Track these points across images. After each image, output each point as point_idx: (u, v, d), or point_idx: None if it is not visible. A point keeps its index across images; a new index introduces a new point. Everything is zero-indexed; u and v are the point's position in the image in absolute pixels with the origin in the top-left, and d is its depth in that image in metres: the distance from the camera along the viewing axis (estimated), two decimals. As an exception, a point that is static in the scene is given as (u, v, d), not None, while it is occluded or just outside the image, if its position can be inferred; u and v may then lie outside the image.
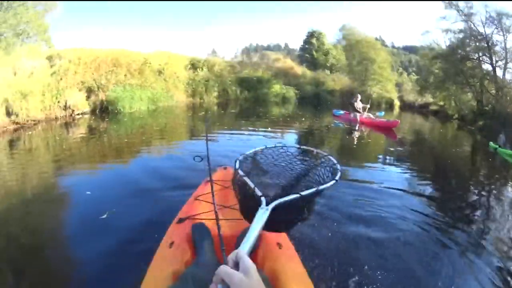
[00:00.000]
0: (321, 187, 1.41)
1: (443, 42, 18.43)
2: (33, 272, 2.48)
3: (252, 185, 1.44)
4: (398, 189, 4.42)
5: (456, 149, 8.76)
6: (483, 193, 4.75)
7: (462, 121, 14.93)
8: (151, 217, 3.20)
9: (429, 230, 3.17)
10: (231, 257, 0.76)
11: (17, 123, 9.79)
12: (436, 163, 6.95)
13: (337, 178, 1.51)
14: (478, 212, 3.90)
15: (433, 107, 19.44)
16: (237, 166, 1.68)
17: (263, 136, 8.65)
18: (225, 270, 0.68)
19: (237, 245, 1.54)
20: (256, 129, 9.91)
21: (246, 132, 9.17)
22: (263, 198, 1.29)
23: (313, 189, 1.39)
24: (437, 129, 13.23)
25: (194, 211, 2.24)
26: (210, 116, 10.84)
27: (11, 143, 7.75)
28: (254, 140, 8.05)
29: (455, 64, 16.58)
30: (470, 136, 11.72)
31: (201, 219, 2.10)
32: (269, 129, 9.86)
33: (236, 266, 0.72)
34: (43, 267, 2.60)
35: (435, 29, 18.58)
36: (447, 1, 16.68)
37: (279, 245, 1.88)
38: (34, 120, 10.40)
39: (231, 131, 9.38)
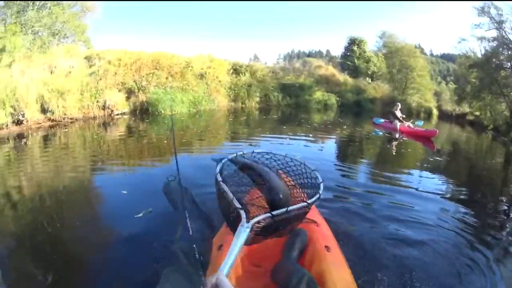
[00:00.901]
0: (290, 208, 1.38)
1: (478, 50, 18.12)
2: (59, 265, 2.55)
3: (230, 195, 1.40)
4: (433, 197, 4.58)
5: (490, 160, 8.75)
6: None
7: (496, 132, 14.67)
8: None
9: (462, 239, 3.24)
10: (210, 280, 0.79)
11: (52, 120, 9.95)
12: (470, 174, 7.03)
13: (313, 200, 1.50)
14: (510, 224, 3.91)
15: (470, 117, 19.04)
16: (217, 169, 1.65)
17: (304, 142, 8.78)
18: None
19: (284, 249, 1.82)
20: (298, 135, 10.05)
21: (287, 138, 9.32)
22: (242, 212, 1.26)
23: (284, 209, 1.36)
24: (473, 139, 13.04)
25: None
26: (175, 118, 10.07)
27: (46, 139, 7.86)
28: (294, 145, 8.25)
29: (490, 73, 16.40)
30: (504, 147, 11.61)
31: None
32: (311, 135, 10.00)
33: None
34: (70, 260, 2.69)
35: (470, 37, 18.16)
36: (479, 7, 16.45)
37: (327, 248, 1.89)
38: (71, 118, 10.56)
39: (272, 136, 9.62)
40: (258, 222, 1.27)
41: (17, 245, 2.93)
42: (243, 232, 1.12)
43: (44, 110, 9.89)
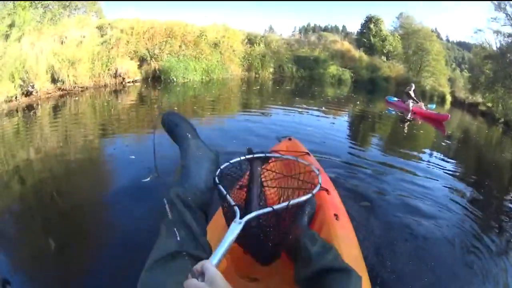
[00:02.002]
0: (292, 201, 1.26)
1: (494, 43, 18.06)
2: (65, 232, 2.56)
3: (224, 191, 1.36)
4: (442, 179, 4.62)
5: (500, 154, 8.60)
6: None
7: (507, 126, 14.51)
8: None
9: (468, 223, 3.25)
10: (196, 267, 0.77)
11: (63, 89, 9.84)
12: (479, 164, 6.96)
13: (314, 191, 1.37)
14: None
15: (482, 108, 18.79)
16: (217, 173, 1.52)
17: (316, 115, 8.77)
18: (189, 283, 0.71)
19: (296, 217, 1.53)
20: (310, 107, 9.99)
21: (299, 110, 9.29)
22: (236, 209, 1.21)
23: (285, 204, 1.25)
24: (483, 130, 12.86)
25: None
26: (161, 106, 8.88)
27: (56, 108, 7.74)
28: (306, 117, 8.25)
29: (504, 67, 16.34)
30: None
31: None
32: (323, 108, 10.00)
33: (202, 276, 0.74)
34: (77, 227, 2.68)
35: (487, 29, 18.08)
36: (496, 2, 16.47)
37: (336, 216, 1.87)
38: (81, 87, 10.42)
39: (285, 107, 9.55)
40: (253, 219, 1.19)
41: (24, 213, 2.94)
42: (235, 228, 1.08)
43: (54, 80, 9.76)
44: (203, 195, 1.32)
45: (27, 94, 8.51)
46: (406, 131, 8.87)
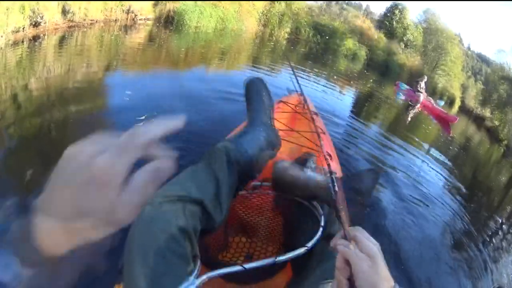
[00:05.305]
0: (280, 258, 1.00)
1: None
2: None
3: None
4: (432, 183, 4.42)
5: (496, 175, 8.37)
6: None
7: (508, 150, 14.37)
8: (195, 129, 3.12)
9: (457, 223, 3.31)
10: (348, 231, 0.72)
11: (72, 21, 9.26)
12: (474, 176, 6.76)
13: (309, 244, 1.05)
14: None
15: (488, 123, 18.78)
16: None
17: (324, 84, 8.45)
18: (347, 251, 0.66)
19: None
20: (320, 75, 9.68)
21: (309, 75, 8.97)
22: (197, 260, 0.91)
23: (261, 262, 0.98)
24: (485, 146, 12.78)
25: None
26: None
27: (62, 40, 7.52)
28: (314, 86, 7.79)
29: None
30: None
31: None
32: (335, 78, 9.83)
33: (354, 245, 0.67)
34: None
35: (510, 53, 18.33)
36: None
37: (330, 156, 1.85)
38: (91, 20, 9.86)
39: (296, 66, 9.16)
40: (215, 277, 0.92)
41: (20, 142, 2.77)
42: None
43: (64, 12, 9.13)
44: (246, 164, 1.20)
45: (35, 25, 8.01)
46: (408, 121, 8.62)
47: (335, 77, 9.79)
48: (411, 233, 2.82)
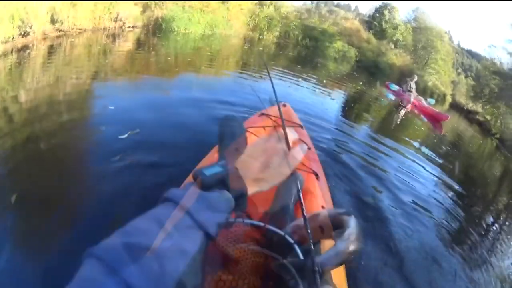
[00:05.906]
0: None
1: (506, 62, 18.50)
2: (31, 174, 2.37)
3: None
4: (422, 180, 4.36)
5: (488, 169, 8.31)
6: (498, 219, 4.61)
7: (501, 143, 14.30)
8: (181, 143, 3.03)
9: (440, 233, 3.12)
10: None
11: (60, 30, 9.25)
12: (466, 171, 6.65)
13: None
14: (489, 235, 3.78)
15: (480, 118, 18.75)
16: None
17: (313, 87, 8.49)
18: None
19: None
20: (310, 78, 9.67)
21: (298, 78, 8.94)
22: None
23: None
24: (477, 140, 12.72)
25: None
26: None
27: (51, 49, 7.42)
28: (304, 89, 7.90)
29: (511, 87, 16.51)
30: (505, 161, 10.87)
31: None
32: (324, 81, 9.72)
33: None
34: (43, 170, 2.46)
35: (501, 49, 18.54)
36: None
37: (317, 176, 1.91)
38: (80, 29, 9.86)
39: (284, 73, 9.16)
40: None
41: (8, 152, 2.66)
42: None
43: (53, 21, 9.15)
44: None
45: (24, 34, 7.99)
46: (400, 121, 8.55)
47: (324, 81, 9.70)
48: (406, 233, 2.78)
